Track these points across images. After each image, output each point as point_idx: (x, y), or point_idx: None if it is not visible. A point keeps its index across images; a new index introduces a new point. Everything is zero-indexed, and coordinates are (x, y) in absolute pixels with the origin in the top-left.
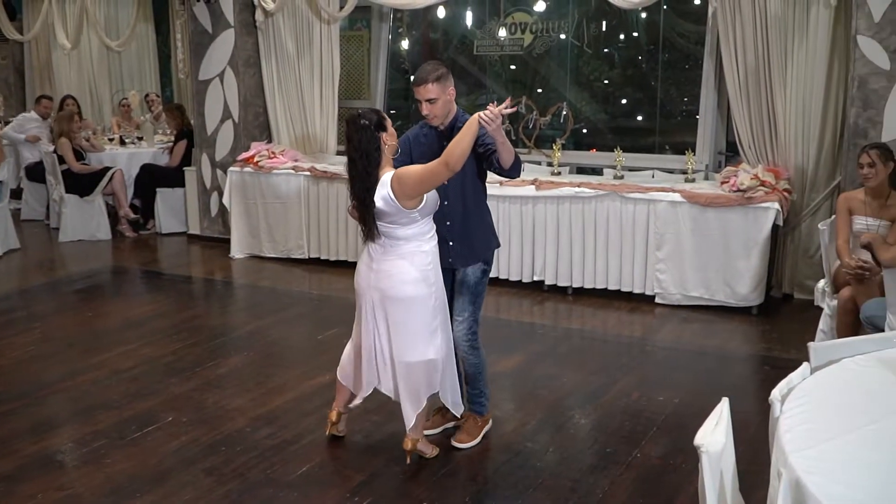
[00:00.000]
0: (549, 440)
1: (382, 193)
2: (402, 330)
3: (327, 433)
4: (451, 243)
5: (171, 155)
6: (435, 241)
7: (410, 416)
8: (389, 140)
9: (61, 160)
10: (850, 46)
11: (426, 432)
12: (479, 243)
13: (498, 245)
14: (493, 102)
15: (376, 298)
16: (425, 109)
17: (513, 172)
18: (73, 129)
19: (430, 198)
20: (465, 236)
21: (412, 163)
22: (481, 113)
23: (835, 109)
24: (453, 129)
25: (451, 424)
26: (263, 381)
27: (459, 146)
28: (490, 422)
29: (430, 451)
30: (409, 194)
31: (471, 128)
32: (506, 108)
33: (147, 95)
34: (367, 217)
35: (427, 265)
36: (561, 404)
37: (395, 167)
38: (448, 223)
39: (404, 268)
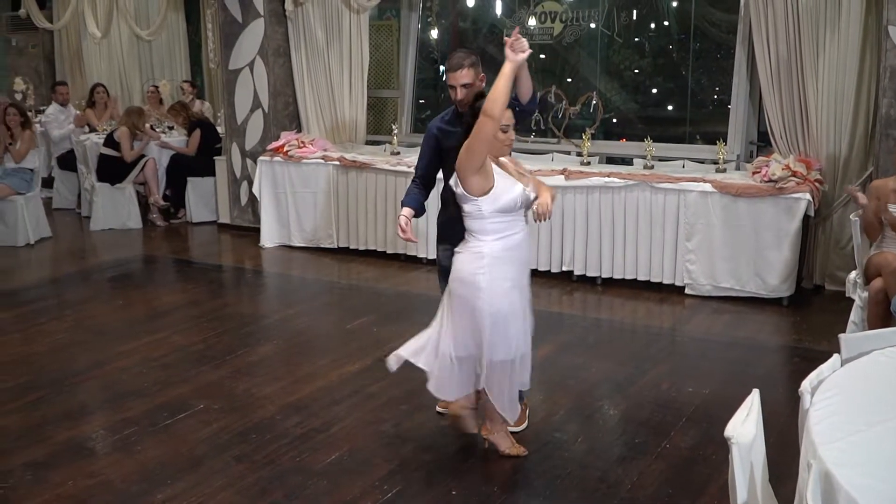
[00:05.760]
0: (577, 430)
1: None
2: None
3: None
4: None
5: (188, 144)
6: (502, 246)
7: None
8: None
9: (111, 145)
10: (881, 37)
11: (445, 410)
12: None
13: None
14: (516, 29)
15: None
16: (460, 94)
17: (532, 105)
18: (141, 125)
19: (502, 194)
20: None
21: (441, 155)
22: (509, 50)
23: (867, 100)
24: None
25: None
26: (293, 370)
27: (495, 91)
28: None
29: (506, 446)
30: (464, 166)
31: (504, 72)
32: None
33: (184, 83)
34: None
35: (479, 269)
36: (590, 394)
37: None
38: None
39: (459, 261)
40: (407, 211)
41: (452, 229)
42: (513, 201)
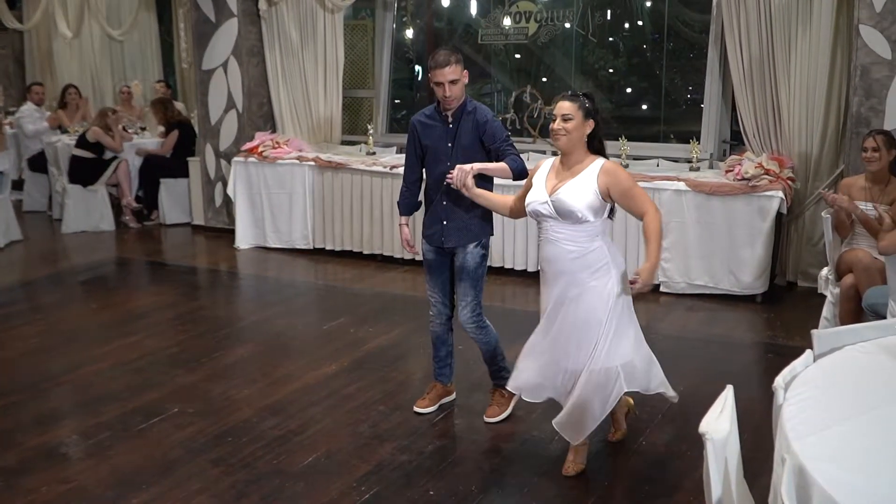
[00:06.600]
0: (553, 429)
1: None
2: None
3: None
4: (444, 222)
5: (163, 145)
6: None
7: None
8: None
9: (83, 146)
10: (852, 36)
11: (423, 411)
12: (473, 225)
13: (491, 233)
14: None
15: None
16: (448, 91)
17: (523, 175)
18: (111, 124)
19: (528, 200)
20: (458, 217)
21: (421, 147)
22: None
23: (838, 98)
24: (461, 115)
25: (447, 399)
26: (269, 372)
27: (487, 206)
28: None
29: None
30: None
31: (475, 196)
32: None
33: (157, 84)
34: None
35: None
36: None
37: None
38: (444, 203)
39: None
40: (404, 220)
41: (431, 227)
42: (530, 211)
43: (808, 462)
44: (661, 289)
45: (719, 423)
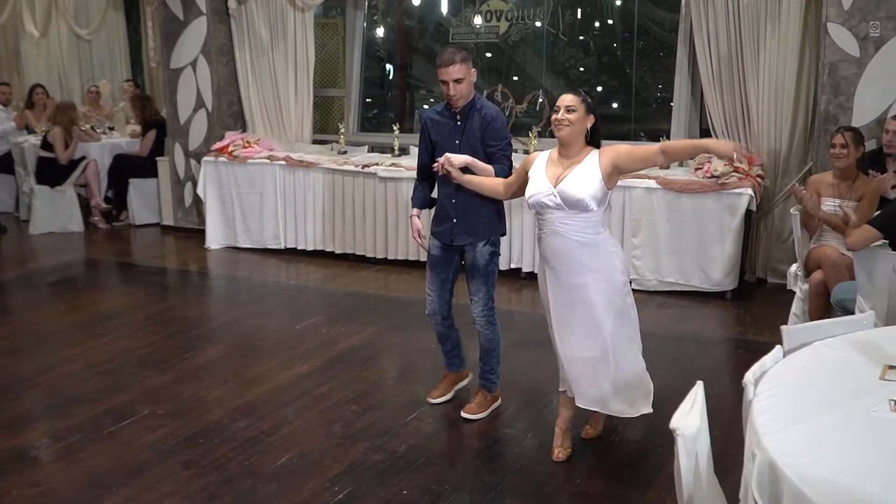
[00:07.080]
0: (527, 426)
1: None
2: None
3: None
4: (454, 220)
5: (141, 144)
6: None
7: None
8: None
9: (49, 147)
10: (820, 34)
11: (436, 401)
12: (482, 224)
13: (503, 232)
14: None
15: None
16: (452, 90)
17: (507, 171)
18: (76, 118)
19: (528, 193)
20: (467, 215)
21: (431, 143)
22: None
23: (806, 96)
24: (469, 113)
25: (462, 384)
26: (241, 373)
27: (482, 192)
28: (499, 400)
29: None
30: None
31: (464, 182)
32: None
33: (126, 83)
34: None
35: None
36: (539, 391)
37: (418, 158)
38: (453, 200)
39: None
40: (416, 211)
41: (441, 225)
42: (534, 202)
43: (779, 457)
44: (633, 286)
45: (690, 418)
